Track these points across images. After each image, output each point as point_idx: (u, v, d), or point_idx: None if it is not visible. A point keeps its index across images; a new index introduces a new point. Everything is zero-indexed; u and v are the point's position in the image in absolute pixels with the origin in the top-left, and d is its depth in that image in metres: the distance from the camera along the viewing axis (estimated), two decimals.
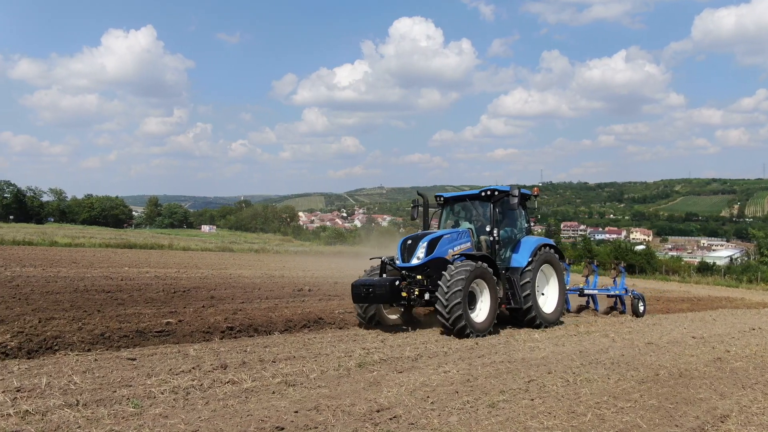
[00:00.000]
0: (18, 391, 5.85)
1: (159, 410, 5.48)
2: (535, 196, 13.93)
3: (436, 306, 10.54)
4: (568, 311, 15.91)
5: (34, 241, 42.78)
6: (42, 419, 5.06)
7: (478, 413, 5.89)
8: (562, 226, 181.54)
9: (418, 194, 13.88)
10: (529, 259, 12.59)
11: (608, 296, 17.09)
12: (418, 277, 11.10)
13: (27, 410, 5.22)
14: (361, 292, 10.77)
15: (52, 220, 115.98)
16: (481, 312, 11.16)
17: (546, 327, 12.48)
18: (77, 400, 5.58)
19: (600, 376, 7.86)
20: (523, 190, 13.19)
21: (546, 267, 13.30)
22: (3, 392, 5.76)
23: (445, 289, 10.36)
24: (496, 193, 12.62)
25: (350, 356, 8.45)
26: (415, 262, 11.29)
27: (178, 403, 5.77)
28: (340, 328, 11.28)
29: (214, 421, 5.25)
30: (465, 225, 13.09)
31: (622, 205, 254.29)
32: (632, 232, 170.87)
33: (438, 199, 13.89)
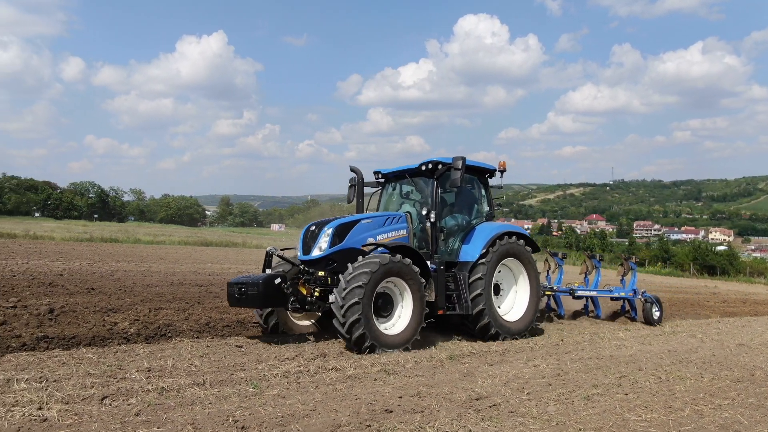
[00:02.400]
0: (149, 371, 6.50)
1: (276, 391, 5.98)
2: (501, 172, 10.97)
3: (334, 313, 8.17)
4: (560, 317, 13.48)
5: (119, 238, 45.35)
6: (177, 395, 5.65)
7: (574, 404, 6.07)
8: (634, 225, 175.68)
9: (351, 169, 10.87)
10: (483, 251, 9.95)
11: (612, 299, 14.25)
12: (320, 273, 8.87)
13: (163, 387, 5.83)
14: (234, 292, 8.52)
15: (133, 218, 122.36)
16: (400, 321, 8.65)
17: (505, 338, 9.94)
18: (203, 380, 6.18)
19: (693, 375, 7.83)
20: (481, 163, 10.78)
21: (511, 262, 10.60)
22: (137, 371, 6.43)
23: (342, 292, 7.99)
24: (440, 166, 9.86)
25: (440, 348, 8.80)
26: (316, 253, 8.97)
27: (291, 386, 6.26)
28: None
29: (327, 402, 5.68)
30: (406, 208, 10.67)
31: (699, 204, 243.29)
32: (711, 232, 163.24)
33: (376, 175, 11.22)
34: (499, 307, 10.36)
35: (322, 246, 8.96)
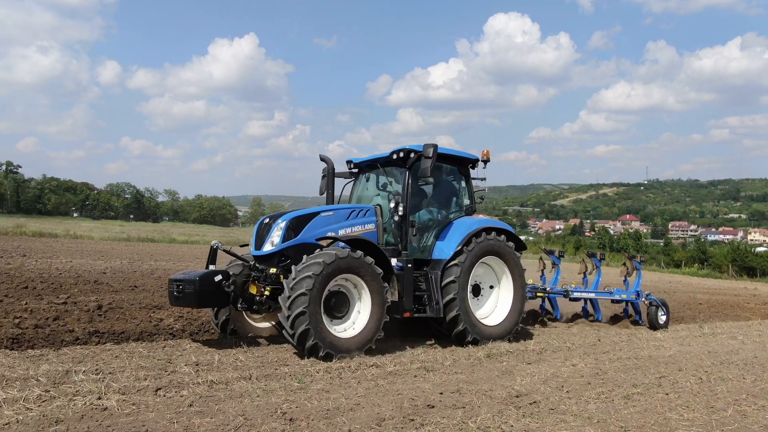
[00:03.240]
0: (197, 365, 6.75)
1: (320, 386, 6.15)
2: (485, 162, 10.15)
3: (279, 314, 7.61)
4: (557, 320, 12.51)
5: (155, 238, 46.37)
6: (226, 388, 5.87)
7: (614, 403, 6.10)
8: (669, 225, 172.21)
9: (321, 158, 9.88)
10: (458, 249, 9.12)
11: (613, 301, 13.14)
12: (272, 270, 8.17)
13: (212, 380, 6.06)
14: (173, 290, 7.91)
15: (167, 219, 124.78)
16: (357, 323, 7.95)
17: (483, 344, 9.10)
18: (249, 374, 6.40)
19: (734, 376, 7.76)
20: (462, 152, 9.98)
21: (492, 261, 9.69)
22: (186, 365, 6.69)
23: (288, 292, 7.37)
24: (412, 154, 9.04)
25: (477, 347, 8.89)
26: (267, 248, 8.28)
27: (334, 381, 6.43)
28: None
29: (370, 397, 5.82)
30: (379, 200, 9.86)
31: (738, 204, 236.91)
32: (750, 233, 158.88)
33: (349, 165, 10.45)
34: (479, 310, 9.62)
35: (274, 240, 8.24)
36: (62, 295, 10.18)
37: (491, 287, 9.95)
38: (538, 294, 11.97)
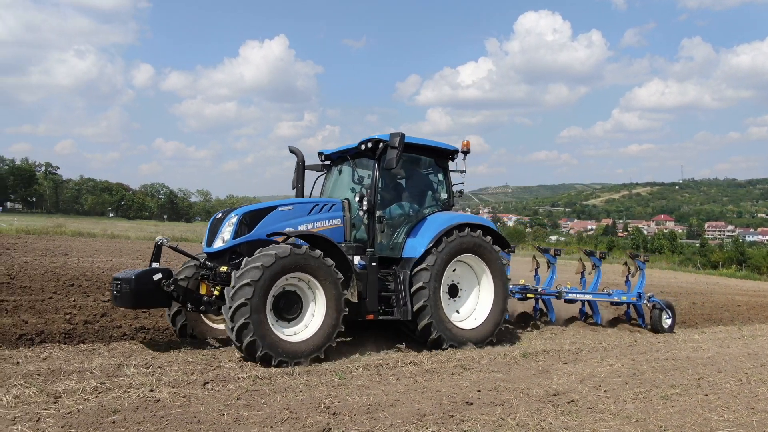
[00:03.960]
0: (240, 360, 6.97)
1: (360, 382, 6.31)
2: (465, 153, 9.44)
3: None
4: (551, 323, 11.61)
5: (189, 238, 47.26)
6: (270, 383, 6.08)
7: (653, 403, 6.11)
8: (706, 226, 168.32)
9: (291, 150, 9.37)
10: (429, 246, 8.46)
11: (612, 303, 12.24)
12: (222, 268, 7.60)
13: (256, 375, 6.28)
14: (114, 289, 7.48)
15: (200, 219, 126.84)
16: (310, 327, 7.29)
17: (458, 348, 8.45)
18: (292, 370, 6.60)
19: None
20: (439, 143, 9.31)
21: (471, 259, 8.98)
22: (230, 361, 6.92)
23: (230, 294, 6.85)
24: (381, 144, 8.44)
25: (513, 346, 8.96)
26: (218, 245, 7.77)
27: (373, 377, 6.58)
28: None
29: (409, 393, 5.95)
30: (349, 194, 9.09)
31: None
32: None
33: (320, 157, 9.90)
34: (456, 312, 8.96)
35: (224, 236, 7.74)
36: (107, 293, 10.56)
37: (471, 287, 9.21)
38: (529, 295, 11.11)
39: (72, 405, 4.98)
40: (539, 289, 11.32)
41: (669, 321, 11.93)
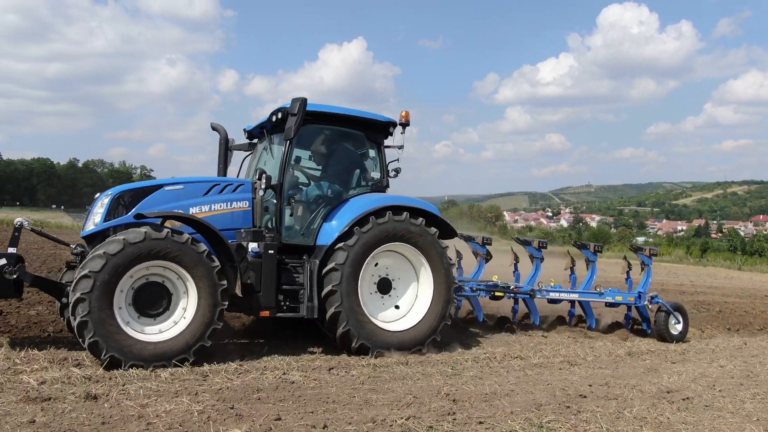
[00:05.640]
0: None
1: (472, 373, 6.61)
2: (403, 126, 8.37)
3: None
4: (536, 326, 9.94)
5: None
6: (389, 370, 6.52)
7: None
8: None
9: (213, 127, 8.68)
10: (344, 231, 7.32)
11: (607, 305, 10.20)
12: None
13: (374, 364, 6.74)
14: None
15: None
16: (179, 324, 6.39)
17: (379, 354, 7.18)
18: (407, 360, 7.02)
19: None
20: (372, 114, 8.19)
21: (404, 249, 7.72)
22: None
23: (71, 286, 6.10)
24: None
25: (617, 345, 8.98)
26: (89, 228, 6.90)
27: (484, 369, 6.87)
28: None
29: (522, 385, 6.19)
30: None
31: None
32: None
33: (245, 134, 9.09)
34: (385, 311, 7.77)
35: (95, 219, 6.86)
36: None
37: (408, 283, 7.94)
38: (497, 293, 9.47)
39: (221, 383, 5.58)
40: (511, 287, 9.59)
41: (679, 327, 10.08)
